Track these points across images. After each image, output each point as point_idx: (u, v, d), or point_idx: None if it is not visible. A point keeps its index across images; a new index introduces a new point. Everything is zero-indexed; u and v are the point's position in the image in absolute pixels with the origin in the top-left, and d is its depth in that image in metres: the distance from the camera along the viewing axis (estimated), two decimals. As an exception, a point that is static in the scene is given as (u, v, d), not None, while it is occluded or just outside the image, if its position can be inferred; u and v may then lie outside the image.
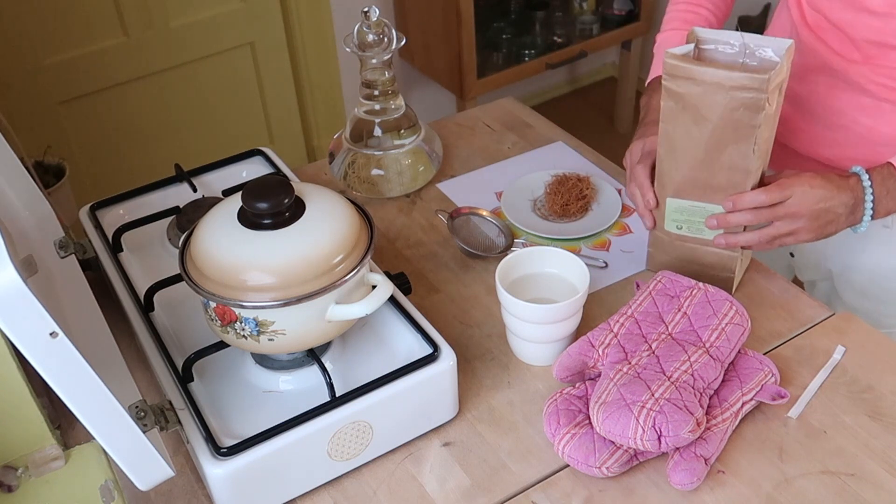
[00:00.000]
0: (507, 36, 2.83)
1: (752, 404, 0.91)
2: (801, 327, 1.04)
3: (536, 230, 1.19)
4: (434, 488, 0.88)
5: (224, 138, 2.61)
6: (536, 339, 0.98)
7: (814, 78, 1.13)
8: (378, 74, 1.21)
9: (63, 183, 1.83)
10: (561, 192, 1.24)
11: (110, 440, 0.70)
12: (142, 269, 1.07)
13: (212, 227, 0.85)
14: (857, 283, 1.22)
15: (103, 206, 1.15)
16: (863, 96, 1.09)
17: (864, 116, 1.10)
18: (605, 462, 0.85)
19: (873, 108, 1.09)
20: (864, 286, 1.21)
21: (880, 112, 1.09)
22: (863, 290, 1.21)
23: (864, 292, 1.21)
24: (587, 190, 1.24)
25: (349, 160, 1.26)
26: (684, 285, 1.00)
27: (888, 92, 1.07)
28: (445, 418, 0.93)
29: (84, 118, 2.38)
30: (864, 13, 1.05)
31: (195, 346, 0.91)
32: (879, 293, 1.20)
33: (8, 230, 0.76)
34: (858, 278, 1.21)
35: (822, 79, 1.12)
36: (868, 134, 1.10)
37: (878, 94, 1.08)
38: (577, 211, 1.22)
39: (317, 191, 0.88)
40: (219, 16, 2.45)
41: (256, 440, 0.81)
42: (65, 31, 2.23)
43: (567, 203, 1.22)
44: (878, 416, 0.92)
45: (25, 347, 0.63)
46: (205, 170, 1.22)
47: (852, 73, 1.08)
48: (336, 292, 0.83)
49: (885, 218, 1.10)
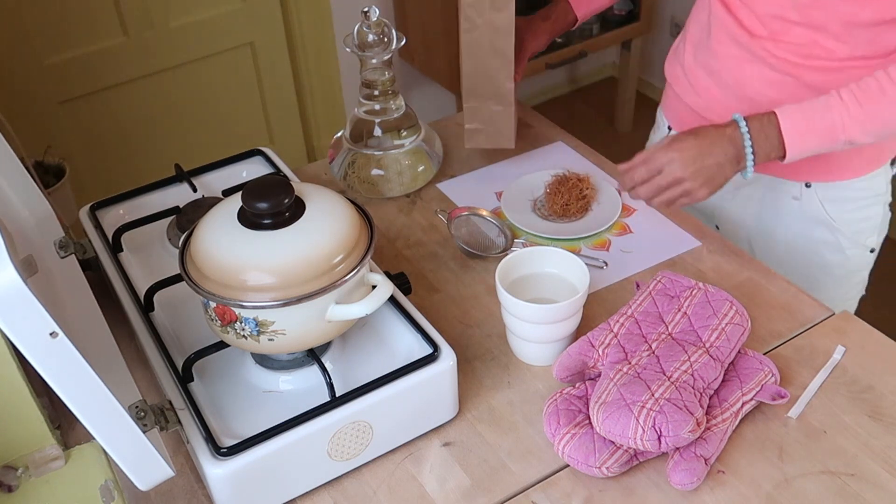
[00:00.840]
0: (507, 36, 2.82)
1: (752, 404, 0.91)
2: (801, 327, 1.04)
3: (537, 230, 1.19)
4: (434, 488, 0.88)
5: (224, 138, 2.61)
6: (536, 339, 0.98)
7: (725, 51, 1.18)
8: (378, 74, 1.21)
9: (63, 183, 1.83)
10: (561, 192, 1.24)
11: (110, 440, 0.70)
12: (142, 269, 1.07)
13: (212, 227, 0.85)
14: (776, 255, 1.28)
15: (103, 206, 1.15)
16: (768, 70, 1.14)
17: (768, 89, 1.15)
18: (605, 462, 0.85)
19: (778, 81, 1.14)
20: (781, 257, 1.27)
21: (784, 85, 1.13)
22: (780, 261, 1.27)
23: (782, 263, 1.26)
24: (587, 190, 1.24)
25: (349, 160, 1.26)
26: (684, 285, 1.00)
27: (790, 66, 1.12)
28: (445, 418, 0.93)
29: (84, 118, 2.38)
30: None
31: (195, 346, 0.91)
32: (796, 265, 1.26)
33: (8, 230, 0.76)
34: (777, 249, 1.27)
35: (732, 51, 1.17)
36: (772, 105, 1.11)
37: (781, 68, 1.13)
38: (578, 211, 1.22)
39: (317, 191, 0.88)
40: (219, 16, 2.45)
41: (256, 440, 0.81)
42: (65, 31, 2.23)
43: (567, 203, 1.22)
44: (878, 416, 0.92)
45: (25, 347, 0.63)
46: (205, 170, 1.22)
47: (757, 47, 1.13)
48: (336, 292, 0.83)
49: (794, 189, 1.19)
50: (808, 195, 1.21)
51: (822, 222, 1.23)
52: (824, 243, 1.24)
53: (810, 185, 1.21)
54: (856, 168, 1.19)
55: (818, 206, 1.22)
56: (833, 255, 1.25)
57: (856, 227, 1.23)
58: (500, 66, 1.17)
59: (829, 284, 1.28)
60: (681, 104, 1.29)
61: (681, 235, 1.19)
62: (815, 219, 1.23)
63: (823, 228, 1.23)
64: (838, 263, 1.26)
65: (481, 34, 1.15)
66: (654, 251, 1.17)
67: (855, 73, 1.06)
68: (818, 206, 1.21)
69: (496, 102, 1.20)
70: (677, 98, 1.30)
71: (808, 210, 1.22)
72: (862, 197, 1.22)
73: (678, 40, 1.32)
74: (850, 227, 1.23)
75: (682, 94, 1.28)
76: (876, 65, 1.06)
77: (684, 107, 1.28)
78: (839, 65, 1.09)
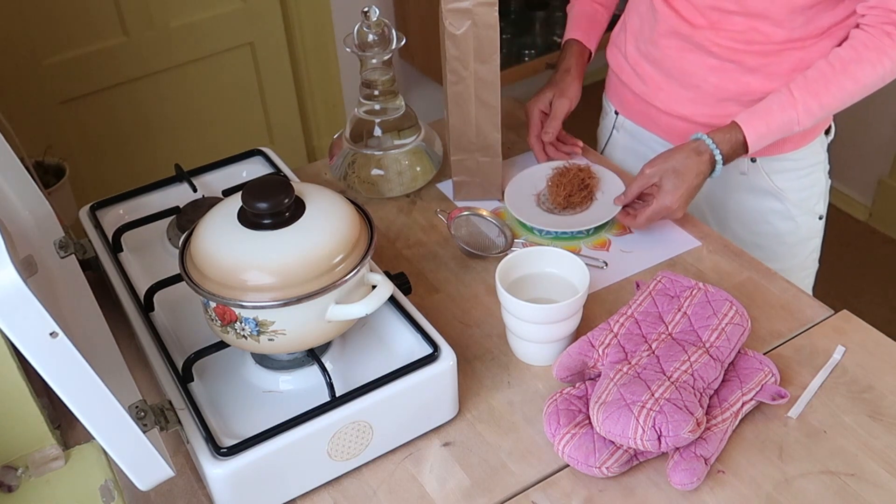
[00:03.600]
0: (507, 36, 2.82)
1: (752, 404, 0.91)
2: (801, 327, 1.04)
3: (541, 224, 1.19)
4: (434, 488, 0.88)
5: (224, 138, 2.61)
6: (536, 339, 0.98)
7: (667, 42, 1.24)
8: (378, 74, 1.21)
9: (63, 183, 1.83)
10: (563, 183, 1.24)
11: (110, 440, 0.70)
12: (142, 269, 1.07)
13: (212, 227, 0.85)
14: (735, 231, 1.34)
15: (103, 206, 1.15)
16: (709, 57, 1.21)
17: (711, 76, 1.22)
18: (605, 462, 0.85)
19: (719, 68, 1.21)
20: (739, 233, 1.34)
21: (725, 71, 1.20)
22: (742, 238, 1.33)
23: (744, 240, 1.32)
24: (589, 179, 1.24)
25: (349, 160, 1.26)
26: (684, 285, 1.00)
27: (731, 53, 1.19)
28: (445, 418, 0.93)
29: (84, 118, 2.38)
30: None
31: (195, 346, 0.91)
32: (754, 238, 1.33)
33: (8, 230, 0.76)
34: (734, 226, 1.34)
35: (674, 42, 1.23)
36: (716, 92, 1.22)
37: (722, 55, 1.19)
38: (581, 201, 1.22)
39: (317, 191, 0.88)
40: (219, 16, 2.45)
41: (256, 440, 0.81)
42: (65, 31, 2.23)
43: (570, 194, 1.22)
44: (878, 416, 0.92)
45: (25, 347, 0.63)
46: (205, 170, 1.22)
47: (698, 37, 1.20)
48: (336, 292, 0.83)
49: (741, 164, 1.28)
50: (754, 169, 1.29)
51: (771, 193, 1.30)
52: (774, 212, 1.32)
53: (755, 161, 1.28)
54: (795, 140, 1.27)
55: (765, 178, 1.29)
56: (784, 224, 1.32)
57: (803, 195, 1.31)
58: (486, 118, 1.19)
59: (783, 254, 1.35)
60: (626, 91, 1.36)
61: (681, 235, 1.19)
62: (763, 190, 1.30)
63: (772, 199, 1.31)
64: (790, 231, 1.33)
65: (467, 86, 1.16)
66: (654, 251, 1.17)
67: (793, 54, 1.16)
68: (765, 178, 1.29)
69: (483, 154, 1.22)
70: (622, 85, 1.36)
71: (755, 183, 1.30)
72: (803, 166, 1.30)
73: (618, 29, 1.38)
74: (797, 195, 1.31)
75: (627, 82, 1.34)
76: (812, 44, 1.15)
77: (630, 93, 1.35)
78: (778, 48, 1.16)
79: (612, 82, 1.42)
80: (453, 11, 1.11)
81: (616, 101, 1.41)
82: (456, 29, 1.11)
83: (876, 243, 2.59)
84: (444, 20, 1.11)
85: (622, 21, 1.36)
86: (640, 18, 1.28)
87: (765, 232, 1.33)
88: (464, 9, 1.10)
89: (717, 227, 1.35)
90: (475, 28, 1.11)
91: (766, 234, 1.33)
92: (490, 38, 1.12)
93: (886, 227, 2.66)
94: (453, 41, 1.12)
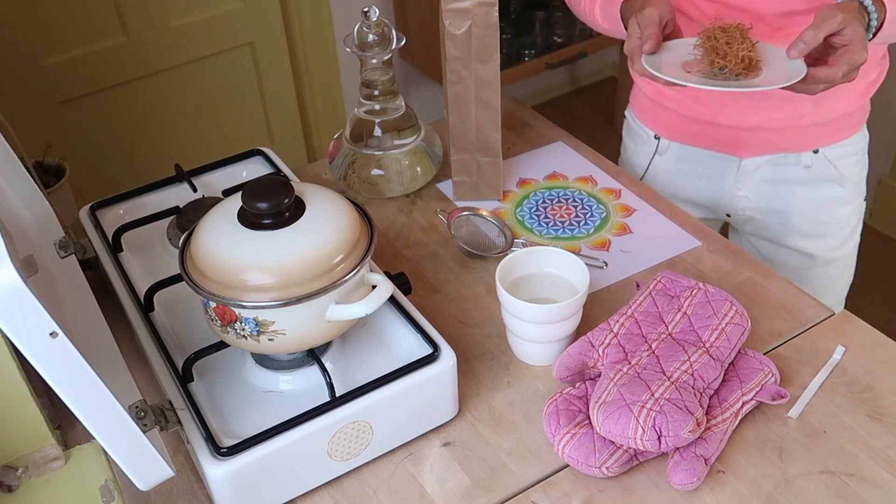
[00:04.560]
0: (507, 36, 2.83)
1: (752, 404, 0.91)
2: (801, 327, 1.04)
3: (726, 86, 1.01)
4: (434, 488, 0.88)
5: (224, 138, 2.62)
6: (536, 339, 0.98)
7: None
8: (378, 74, 1.21)
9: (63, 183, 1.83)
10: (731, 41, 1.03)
11: (110, 440, 0.70)
12: (142, 269, 1.07)
13: (212, 227, 0.85)
14: (798, 225, 1.33)
15: (103, 206, 1.15)
16: None
17: None
18: (605, 462, 0.85)
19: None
20: (802, 226, 1.32)
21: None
22: (805, 230, 1.32)
23: (808, 232, 1.32)
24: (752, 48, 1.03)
25: (349, 160, 1.26)
26: (684, 285, 1.00)
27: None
28: (445, 418, 0.93)
29: (84, 118, 2.38)
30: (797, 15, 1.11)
31: (195, 346, 0.91)
32: (818, 227, 1.32)
33: (8, 230, 0.76)
34: (796, 220, 1.32)
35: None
36: (788, 95, 1.16)
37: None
38: (754, 64, 1.03)
39: (317, 191, 0.88)
40: (219, 16, 2.45)
41: (256, 440, 0.81)
42: (65, 31, 2.23)
43: (750, 50, 1.03)
44: (878, 416, 0.92)
45: (25, 347, 0.63)
46: (205, 170, 1.22)
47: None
48: (336, 292, 0.83)
49: (805, 159, 1.27)
50: (818, 160, 1.27)
51: (833, 180, 1.29)
52: (837, 199, 1.31)
53: (818, 151, 1.27)
54: (855, 124, 1.27)
55: (829, 166, 1.28)
56: (845, 209, 1.32)
57: (857, 178, 1.32)
58: (486, 118, 1.19)
59: (845, 239, 1.35)
60: (671, 115, 1.32)
61: (681, 235, 1.19)
62: (826, 179, 1.29)
63: (835, 186, 1.30)
64: (849, 215, 1.33)
65: (467, 86, 1.16)
66: (654, 251, 1.17)
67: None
68: (829, 165, 1.28)
69: (483, 154, 1.22)
70: (666, 111, 1.32)
71: (820, 173, 1.28)
72: (858, 150, 1.30)
73: None
74: (855, 178, 1.31)
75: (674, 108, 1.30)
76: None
77: (678, 116, 1.31)
78: None
79: (646, 107, 1.37)
80: (453, 11, 1.11)
81: (656, 126, 1.36)
82: (456, 29, 1.11)
83: (876, 243, 2.59)
84: (444, 20, 1.11)
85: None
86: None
87: (827, 221, 1.32)
88: (464, 9, 1.10)
89: (778, 223, 1.34)
90: (475, 28, 1.11)
91: (829, 223, 1.32)
92: (490, 38, 1.12)
93: (886, 227, 2.66)
94: (453, 41, 1.12)
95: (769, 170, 1.30)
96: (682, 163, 1.36)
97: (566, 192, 1.28)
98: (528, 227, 1.21)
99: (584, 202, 1.26)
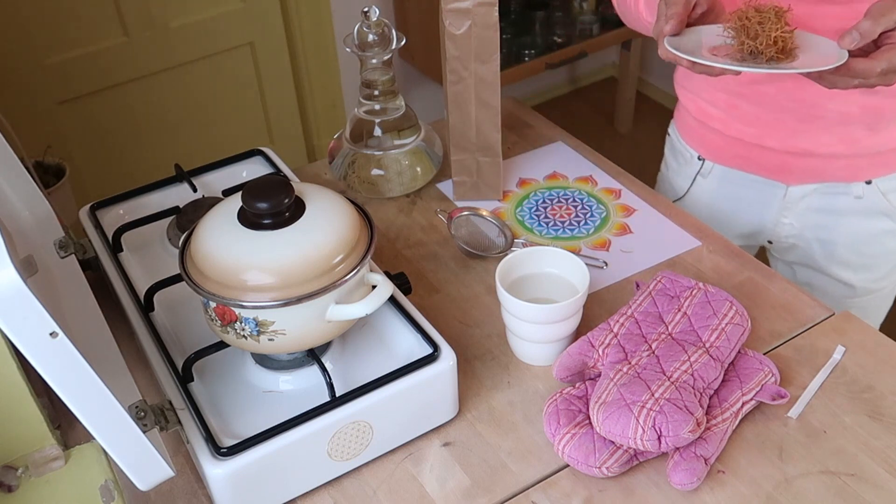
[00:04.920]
0: (507, 36, 2.83)
1: (752, 404, 0.91)
2: (801, 327, 1.04)
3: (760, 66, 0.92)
4: (434, 488, 0.88)
5: (224, 138, 2.62)
6: (536, 339, 0.98)
7: (780, 77, 1.14)
8: (378, 74, 1.21)
9: (63, 183, 1.83)
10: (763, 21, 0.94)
11: (110, 440, 0.70)
12: (142, 269, 1.07)
13: (212, 227, 0.85)
14: (842, 256, 1.27)
15: (103, 206, 1.15)
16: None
17: (833, 103, 1.13)
18: (605, 462, 0.85)
19: (842, 93, 1.10)
20: (846, 257, 1.26)
21: (849, 94, 1.11)
22: (848, 261, 1.26)
23: (852, 263, 1.26)
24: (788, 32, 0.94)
25: (349, 160, 1.26)
26: (684, 285, 1.00)
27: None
28: (445, 418, 0.93)
29: (84, 118, 2.38)
30: (823, 4, 1.05)
31: (195, 346, 0.91)
32: (863, 259, 1.26)
33: (8, 230, 0.76)
34: (841, 251, 1.26)
35: (787, 82, 1.13)
36: (840, 118, 1.14)
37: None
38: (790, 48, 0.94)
39: (317, 191, 0.88)
40: (219, 16, 2.46)
41: (256, 440, 0.81)
42: (65, 31, 2.23)
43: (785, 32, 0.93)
44: (878, 416, 0.92)
45: (25, 347, 0.63)
46: (205, 170, 1.22)
47: None
48: (336, 292, 0.83)
49: (857, 190, 1.21)
50: (870, 191, 1.21)
51: (885, 213, 1.23)
52: (887, 232, 1.25)
53: (871, 182, 1.21)
54: None
55: (881, 199, 1.22)
56: (893, 242, 1.26)
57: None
58: (486, 118, 1.19)
59: (889, 271, 1.29)
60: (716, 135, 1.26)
61: (681, 235, 1.19)
62: (878, 211, 1.23)
63: (886, 219, 1.24)
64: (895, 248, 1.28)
65: (467, 86, 1.16)
66: (654, 251, 1.17)
67: None
68: (881, 198, 1.22)
69: (483, 154, 1.22)
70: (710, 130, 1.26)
71: (871, 205, 1.23)
72: None
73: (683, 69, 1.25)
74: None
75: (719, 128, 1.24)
76: None
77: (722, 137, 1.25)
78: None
79: (690, 126, 1.31)
80: (453, 11, 1.11)
81: (699, 146, 1.31)
82: (456, 29, 1.11)
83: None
84: (444, 20, 1.11)
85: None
86: None
87: (875, 253, 1.26)
88: (464, 9, 1.10)
89: (821, 252, 1.28)
90: (475, 28, 1.11)
91: (876, 255, 1.26)
92: (490, 38, 1.12)
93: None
94: (453, 41, 1.12)
95: (817, 198, 1.24)
96: (725, 186, 1.30)
97: (566, 192, 1.28)
98: (528, 227, 1.21)
99: (584, 202, 1.26)
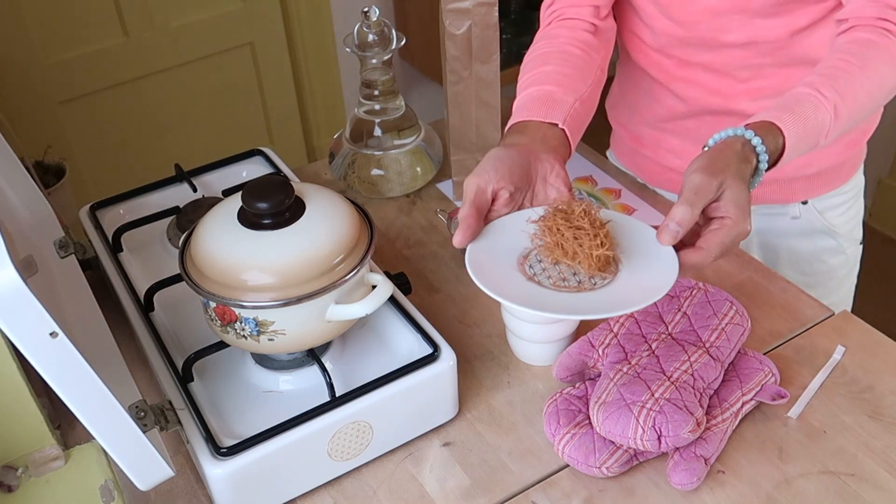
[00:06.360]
0: (507, 36, 2.82)
1: (752, 404, 0.91)
2: (801, 327, 1.04)
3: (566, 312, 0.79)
4: (434, 488, 0.88)
5: (224, 138, 2.62)
6: (536, 339, 0.98)
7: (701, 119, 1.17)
8: (378, 74, 1.21)
9: (63, 183, 1.83)
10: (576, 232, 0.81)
11: (110, 440, 0.70)
12: (142, 269, 1.07)
13: (212, 227, 0.85)
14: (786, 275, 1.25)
15: (103, 206, 1.15)
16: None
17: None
18: (605, 462, 0.85)
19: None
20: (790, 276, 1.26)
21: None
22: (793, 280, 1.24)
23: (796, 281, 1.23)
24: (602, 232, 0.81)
25: (349, 160, 1.26)
26: (684, 285, 1.00)
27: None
28: (445, 418, 0.93)
29: (84, 118, 2.38)
30: (725, 49, 1.09)
31: (195, 346, 0.91)
32: (806, 278, 1.27)
33: (8, 230, 0.76)
34: (785, 271, 1.27)
35: (708, 119, 1.16)
36: None
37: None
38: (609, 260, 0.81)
39: (317, 191, 0.88)
40: (219, 16, 2.46)
41: (256, 440, 0.81)
42: (65, 31, 2.23)
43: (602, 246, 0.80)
44: (878, 416, 0.92)
45: (25, 347, 0.63)
46: (205, 170, 1.22)
47: (732, 103, 1.12)
48: (336, 292, 0.83)
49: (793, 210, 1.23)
50: (807, 211, 1.23)
51: (824, 231, 1.24)
52: (827, 250, 1.26)
53: (807, 202, 1.22)
54: (846, 174, 1.22)
55: (818, 218, 1.23)
56: (836, 258, 1.27)
57: (850, 226, 1.27)
58: (486, 118, 1.19)
59: (834, 287, 1.29)
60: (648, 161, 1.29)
61: (681, 235, 1.19)
62: (816, 230, 1.24)
63: (825, 237, 1.25)
64: (841, 264, 1.28)
65: (467, 86, 1.16)
66: (654, 251, 1.16)
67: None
68: (818, 217, 1.23)
69: (483, 154, 1.20)
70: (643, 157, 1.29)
71: (808, 225, 1.24)
72: (850, 197, 1.25)
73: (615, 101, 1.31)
74: (846, 227, 1.26)
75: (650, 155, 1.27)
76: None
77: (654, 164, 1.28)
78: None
79: (624, 150, 1.34)
80: (453, 11, 1.11)
81: (636, 170, 1.33)
82: (456, 29, 1.11)
83: (876, 243, 2.59)
84: (444, 20, 1.11)
85: (618, 93, 1.30)
86: (651, 98, 1.21)
87: (818, 271, 1.27)
88: (464, 9, 1.10)
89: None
90: (475, 28, 1.11)
91: (819, 273, 1.27)
92: (490, 38, 1.12)
93: (886, 227, 2.67)
94: (453, 41, 1.12)
95: (756, 220, 1.16)
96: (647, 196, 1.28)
97: (566, 192, 1.28)
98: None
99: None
